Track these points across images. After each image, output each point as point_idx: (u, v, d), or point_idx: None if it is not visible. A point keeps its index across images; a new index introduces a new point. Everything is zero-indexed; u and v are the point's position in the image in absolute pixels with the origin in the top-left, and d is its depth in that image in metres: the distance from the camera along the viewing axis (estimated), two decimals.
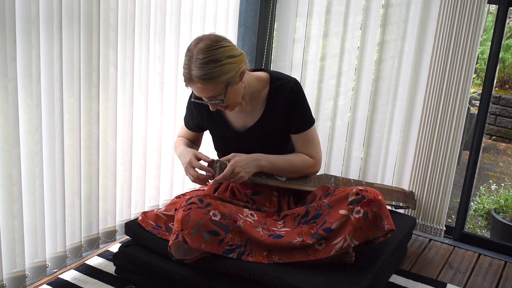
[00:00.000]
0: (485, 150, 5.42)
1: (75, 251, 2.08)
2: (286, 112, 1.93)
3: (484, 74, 2.47)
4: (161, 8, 2.22)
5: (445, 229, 2.59)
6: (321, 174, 2.17)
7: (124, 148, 2.21)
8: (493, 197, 3.77)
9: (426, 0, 2.41)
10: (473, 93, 4.66)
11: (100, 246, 2.21)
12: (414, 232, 2.59)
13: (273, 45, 2.94)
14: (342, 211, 1.79)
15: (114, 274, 2.06)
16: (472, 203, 3.66)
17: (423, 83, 2.48)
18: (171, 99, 2.39)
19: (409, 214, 2.59)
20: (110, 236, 2.25)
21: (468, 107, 2.46)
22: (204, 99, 1.81)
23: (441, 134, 2.48)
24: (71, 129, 1.94)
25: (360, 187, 1.83)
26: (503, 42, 2.43)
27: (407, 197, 2.48)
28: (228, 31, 2.67)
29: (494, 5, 2.37)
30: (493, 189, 4.13)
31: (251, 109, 1.96)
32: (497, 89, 5.91)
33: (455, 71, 2.39)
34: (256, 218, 1.87)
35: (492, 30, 2.37)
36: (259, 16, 2.87)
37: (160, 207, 2.42)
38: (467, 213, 2.63)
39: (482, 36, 2.40)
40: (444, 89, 2.43)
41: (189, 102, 2.04)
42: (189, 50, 1.76)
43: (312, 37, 2.75)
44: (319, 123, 2.79)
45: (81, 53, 1.90)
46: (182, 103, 2.44)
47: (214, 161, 1.92)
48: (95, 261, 2.16)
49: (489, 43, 2.42)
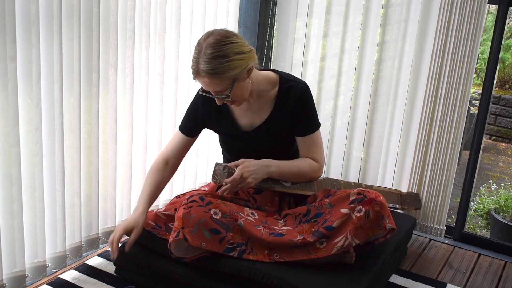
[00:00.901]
0: (485, 150, 5.42)
1: (75, 251, 2.08)
2: (294, 114, 1.93)
3: (484, 74, 2.47)
4: (161, 8, 2.22)
5: (445, 229, 2.59)
6: (323, 178, 2.19)
7: (124, 148, 2.21)
8: (493, 197, 3.77)
9: (427, 0, 2.42)
10: (473, 93, 4.65)
11: (100, 246, 2.21)
12: (414, 232, 2.59)
13: (273, 45, 2.94)
14: (344, 210, 1.79)
15: (114, 274, 2.06)
16: (472, 203, 3.66)
17: (424, 82, 2.48)
18: (171, 99, 2.39)
19: (409, 214, 2.59)
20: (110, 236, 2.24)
21: (468, 107, 2.46)
22: (212, 93, 1.82)
23: (442, 134, 2.48)
24: (71, 129, 1.94)
25: (361, 188, 1.85)
26: (503, 42, 2.43)
27: (403, 198, 2.48)
28: None
29: (494, 5, 2.37)
30: (493, 189, 4.13)
31: (258, 107, 1.95)
32: (497, 89, 5.90)
33: (455, 71, 2.39)
34: (257, 217, 1.88)
35: (492, 30, 2.37)
36: (259, 16, 2.87)
37: (160, 207, 2.42)
38: (467, 213, 2.63)
39: (482, 36, 2.40)
40: (444, 89, 2.43)
41: (194, 100, 2.03)
42: (199, 44, 1.76)
43: (312, 37, 2.75)
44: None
45: (81, 53, 1.90)
46: (182, 103, 2.44)
47: (219, 165, 1.93)
48: (95, 261, 2.16)
49: (489, 43, 2.42)
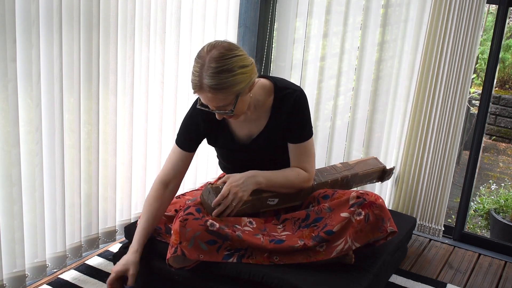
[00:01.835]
0: (485, 150, 5.42)
1: (75, 251, 2.08)
2: (287, 121, 1.88)
3: (484, 74, 2.47)
4: (161, 8, 2.22)
5: (443, 229, 2.59)
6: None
7: (124, 148, 2.21)
8: (493, 197, 3.77)
9: (426, 0, 2.41)
10: (473, 93, 4.65)
11: (100, 246, 2.21)
12: (414, 232, 2.59)
13: (273, 45, 2.94)
14: (344, 214, 1.78)
15: None
16: (472, 203, 3.66)
17: (423, 82, 2.47)
18: (171, 99, 2.39)
19: (409, 214, 2.59)
20: (110, 236, 2.25)
21: (468, 107, 2.46)
22: (212, 107, 1.73)
23: (440, 134, 2.48)
24: (71, 129, 1.94)
25: (361, 191, 1.82)
26: (503, 42, 2.43)
27: (385, 173, 2.35)
28: (228, 31, 2.67)
29: (494, 5, 2.36)
30: (493, 189, 4.13)
31: (255, 117, 1.90)
32: (497, 89, 5.90)
33: (454, 71, 2.39)
34: (255, 226, 1.85)
35: (492, 30, 2.37)
36: (259, 16, 2.87)
37: None
38: (467, 213, 2.63)
39: (482, 36, 2.40)
40: (443, 89, 2.43)
41: (192, 113, 1.92)
42: (201, 57, 1.65)
43: (312, 37, 2.75)
44: (319, 123, 2.79)
45: (81, 53, 1.90)
46: (182, 103, 2.45)
47: (205, 189, 1.82)
48: (95, 261, 2.16)
49: (489, 43, 2.43)
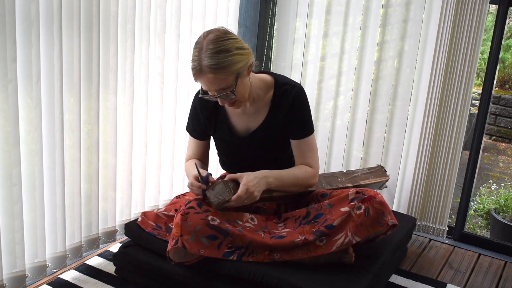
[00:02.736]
0: (485, 150, 5.42)
1: (75, 251, 2.08)
2: (288, 117, 1.91)
3: (484, 74, 2.47)
4: (161, 8, 2.22)
5: (447, 229, 2.59)
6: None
7: (124, 148, 2.21)
8: (493, 197, 3.77)
9: (427, 0, 2.41)
10: (473, 93, 4.63)
11: (100, 246, 2.21)
12: (414, 232, 2.58)
13: (273, 45, 2.94)
14: (344, 208, 1.79)
15: (114, 274, 2.06)
16: (472, 203, 3.66)
17: (426, 83, 2.48)
18: (171, 99, 2.39)
19: (410, 214, 2.59)
20: (110, 236, 2.25)
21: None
22: (213, 92, 1.77)
23: (443, 134, 2.48)
24: (71, 129, 1.94)
25: (359, 188, 1.84)
26: (503, 42, 2.42)
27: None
28: None
29: (494, 5, 2.37)
30: (493, 189, 4.13)
31: (254, 111, 1.93)
32: (497, 89, 5.90)
33: (457, 71, 2.39)
34: (256, 223, 1.86)
35: (492, 30, 2.37)
36: (259, 16, 2.87)
37: (160, 207, 2.42)
38: (467, 213, 2.63)
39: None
40: (446, 89, 2.43)
41: (193, 106, 2.00)
42: (198, 43, 1.75)
43: (312, 37, 2.75)
44: (319, 123, 2.79)
45: (81, 53, 1.90)
46: (182, 103, 2.45)
47: (217, 181, 1.86)
48: (95, 261, 2.16)
49: (489, 43, 2.42)
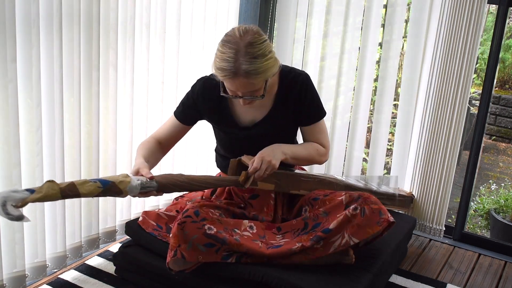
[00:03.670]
0: (485, 150, 5.42)
1: (75, 251, 2.08)
2: (297, 106, 1.90)
3: (484, 74, 2.47)
4: (161, 8, 2.22)
5: (444, 229, 2.59)
6: (329, 176, 2.16)
7: (124, 148, 2.21)
8: (493, 197, 3.76)
9: (426, 0, 2.41)
10: (473, 93, 4.65)
11: (100, 246, 2.21)
12: (414, 232, 2.58)
13: (273, 45, 2.94)
14: (340, 214, 1.79)
15: (114, 274, 2.06)
16: (472, 203, 3.66)
17: (424, 82, 2.48)
18: (171, 99, 2.38)
19: (409, 214, 2.59)
20: (110, 236, 2.25)
21: (468, 107, 2.46)
22: (239, 94, 1.73)
23: (441, 134, 2.48)
24: (71, 129, 1.94)
25: (351, 192, 1.85)
26: (503, 42, 2.42)
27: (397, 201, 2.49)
28: None
29: (494, 5, 2.37)
30: (493, 189, 4.13)
31: (260, 102, 1.88)
32: (497, 89, 5.90)
33: (455, 71, 2.39)
34: (255, 231, 1.85)
35: (492, 30, 2.37)
36: (259, 16, 2.87)
37: (160, 207, 2.42)
38: (467, 213, 2.63)
39: (482, 36, 2.40)
40: (444, 88, 2.43)
41: (196, 90, 1.94)
42: (235, 43, 1.66)
43: (312, 37, 2.75)
44: None
45: (81, 53, 1.90)
46: None
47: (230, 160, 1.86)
48: (95, 261, 2.16)
49: (489, 43, 2.42)
